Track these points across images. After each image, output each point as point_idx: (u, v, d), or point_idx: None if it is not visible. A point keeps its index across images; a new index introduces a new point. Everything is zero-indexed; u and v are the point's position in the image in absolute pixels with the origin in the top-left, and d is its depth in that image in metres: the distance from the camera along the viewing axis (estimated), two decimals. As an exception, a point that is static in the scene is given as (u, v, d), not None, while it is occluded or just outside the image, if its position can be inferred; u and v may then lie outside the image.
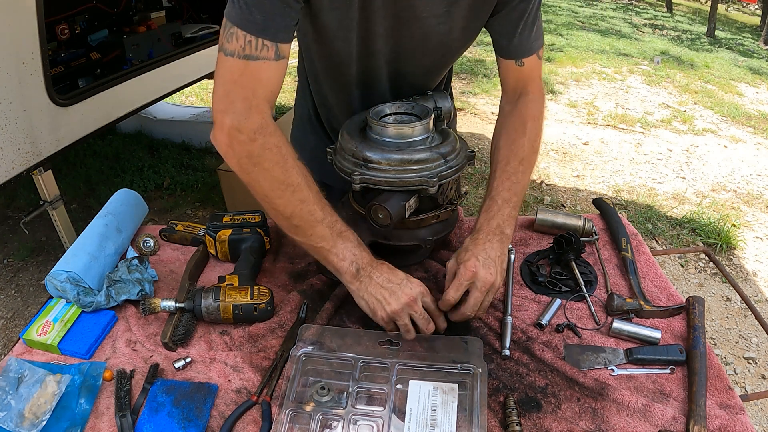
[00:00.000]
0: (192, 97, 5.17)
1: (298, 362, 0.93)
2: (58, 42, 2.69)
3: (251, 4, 0.83)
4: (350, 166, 1.01)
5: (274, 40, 0.85)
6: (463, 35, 1.06)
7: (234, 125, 0.86)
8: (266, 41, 0.84)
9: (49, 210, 2.20)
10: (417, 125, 1.02)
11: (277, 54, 0.86)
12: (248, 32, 0.84)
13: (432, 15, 0.99)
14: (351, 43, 1.02)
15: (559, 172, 4.04)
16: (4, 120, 1.84)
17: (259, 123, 0.86)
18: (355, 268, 0.93)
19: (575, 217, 1.27)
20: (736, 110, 5.43)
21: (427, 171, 0.98)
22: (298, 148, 1.37)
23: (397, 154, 0.99)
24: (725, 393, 0.90)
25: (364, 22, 0.98)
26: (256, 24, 0.84)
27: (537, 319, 1.04)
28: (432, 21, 1.00)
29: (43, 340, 0.98)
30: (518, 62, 1.08)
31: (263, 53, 0.85)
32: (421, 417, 0.83)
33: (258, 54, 0.84)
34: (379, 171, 0.99)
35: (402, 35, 1.02)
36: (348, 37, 1.01)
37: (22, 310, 2.59)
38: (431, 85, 1.23)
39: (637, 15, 11.73)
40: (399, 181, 0.99)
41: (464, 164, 1.05)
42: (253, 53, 0.84)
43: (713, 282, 2.95)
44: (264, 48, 0.84)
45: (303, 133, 1.41)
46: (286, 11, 0.85)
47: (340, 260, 0.92)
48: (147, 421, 0.85)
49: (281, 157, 0.88)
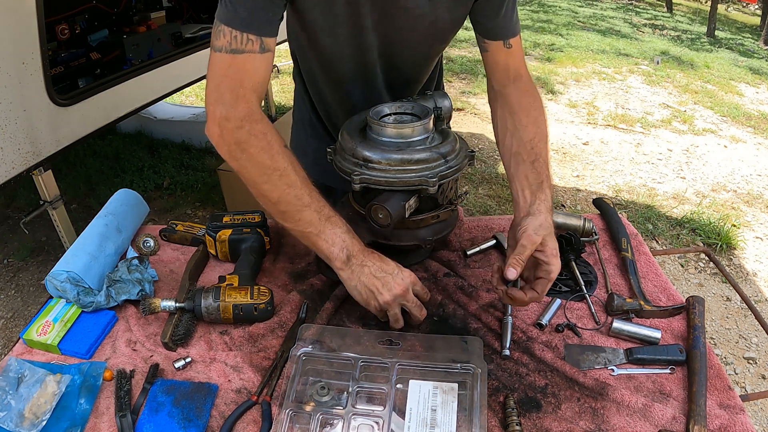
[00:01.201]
0: (192, 97, 5.17)
1: (298, 362, 0.93)
2: (58, 42, 2.69)
3: (235, 1, 0.87)
4: (350, 166, 1.02)
5: (259, 33, 0.89)
6: (451, 22, 1.07)
7: (223, 115, 0.90)
8: (251, 35, 0.89)
9: (49, 210, 2.20)
10: (417, 125, 1.02)
11: (261, 47, 0.90)
12: (234, 28, 0.88)
13: (416, 6, 1.01)
14: (340, 39, 1.04)
15: (559, 172, 4.04)
16: (4, 120, 1.85)
17: (245, 111, 0.90)
18: (346, 255, 0.94)
19: (575, 217, 1.27)
20: (736, 110, 5.43)
21: (427, 171, 0.99)
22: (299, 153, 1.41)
23: (397, 153, 0.99)
24: (725, 393, 0.90)
25: (351, 17, 1.00)
26: (240, 19, 0.88)
27: (537, 319, 1.04)
28: (417, 11, 1.02)
29: (43, 340, 0.98)
30: (506, 44, 1.08)
31: (248, 47, 0.89)
32: (421, 417, 0.83)
33: (243, 48, 0.89)
34: (379, 171, 0.99)
35: (390, 27, 1.04)
36: (337, 33, 1.03)
37: (22, 310, 2.59)
38: (426, 74, 1.24)
39: (637, 15, 11.73)
40: (399, 181, 0.99)
41: (464, 164, 1.05)
42: (239, 47, 0.89)
43: (713, 282, 2.95)
44: (249, 42, 0.89)
45: (303, 138, 1.41)
46: (268, 6, 0.90)
47: (329, 246, 0.93)
48: (147, 421, 0.85)
49: (267, 143, 0.91)
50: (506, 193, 3.69)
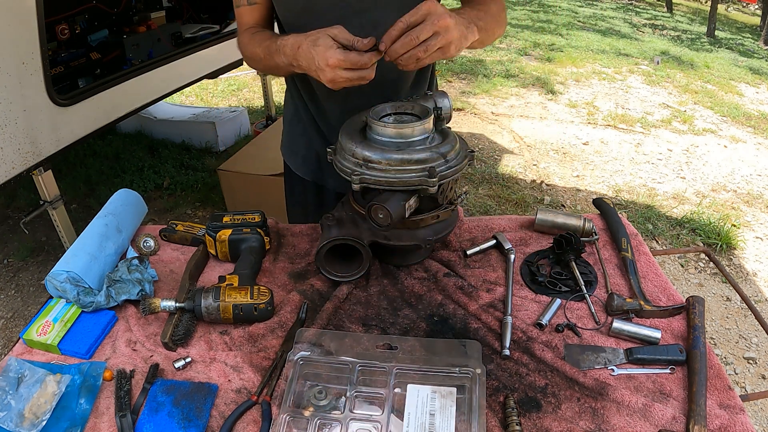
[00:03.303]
0: (192, 97, 5.17)
1: (296, 366, 0.93)
2: (58, 42, 2.69)
3: None
4: (350, 166, 1.02)
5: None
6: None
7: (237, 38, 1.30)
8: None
9: (49, 210, 2.20)
10: (417, 125, 1.02)
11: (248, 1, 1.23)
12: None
13: None
14: None
15: (559, 172, 4.04)
16: (4, 120, 1.84)
17: (241, 38, 1.26)
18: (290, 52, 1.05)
19: (575, 217, 1.27)
20: (736, 110, 5.43)
21: (427, 171, 0.98)
22: (290, 153, 1.45)
23: (397, 154, 0.99)
24: (725, 393, 0.90)
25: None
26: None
27: (537, 319, 1.04)
28: None
29: (43, 340, 0.98)
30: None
31: (240, 1, 1.24)
32: (420, 421, 0.83)
33: (238, 2, 1.25)
34: (379, 171, 0.99)
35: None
36: None
37: (22, 310, 2.60)
38: None
39: (637, 15, 11.73)
40: (399, 181, 0.99)
41: (464, 164, 1.05)
42: (236, 3, 1.26)
43: (713, 282, 2.95)
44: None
45: (292, 138, 1.43)
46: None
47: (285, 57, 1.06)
48: (147, 421, 0.85)
49: (245, 47, 1.24)
50: (506, 193, 3.69)
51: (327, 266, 1.10)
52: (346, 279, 1.11)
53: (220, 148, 4.06)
